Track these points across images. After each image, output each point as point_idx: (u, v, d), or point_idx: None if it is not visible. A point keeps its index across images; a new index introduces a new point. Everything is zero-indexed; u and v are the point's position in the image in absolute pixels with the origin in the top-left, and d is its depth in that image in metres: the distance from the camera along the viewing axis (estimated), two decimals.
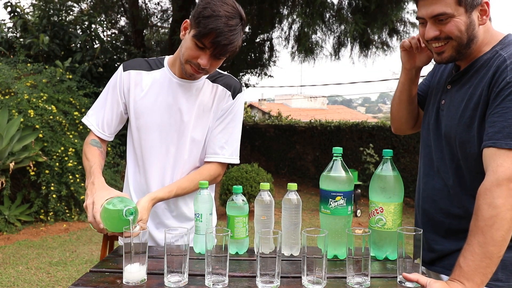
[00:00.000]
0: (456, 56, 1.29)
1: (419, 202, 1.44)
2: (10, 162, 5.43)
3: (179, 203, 1.60)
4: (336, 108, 37.77)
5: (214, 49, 1.38)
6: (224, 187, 6.64)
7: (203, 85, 1.57)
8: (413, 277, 1.10)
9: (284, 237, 1.33)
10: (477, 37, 1.26)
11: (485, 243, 1.08)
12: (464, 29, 1.23)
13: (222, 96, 1.58)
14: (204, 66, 1.42)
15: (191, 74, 1.47)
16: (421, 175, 1.45)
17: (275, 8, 8.35)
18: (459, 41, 1.25)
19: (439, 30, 1.25)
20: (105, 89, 1.61)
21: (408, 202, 7.67)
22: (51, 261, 4.48)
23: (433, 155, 1.38)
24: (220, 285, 1.10)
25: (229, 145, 1.60)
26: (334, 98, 67.29)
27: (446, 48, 1.27)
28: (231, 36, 1.36)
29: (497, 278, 1.20)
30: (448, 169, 1.32)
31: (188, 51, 1.42)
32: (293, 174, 10.95)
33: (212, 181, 1.59)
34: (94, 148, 1.56)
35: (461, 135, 1.26)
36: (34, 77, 6.52)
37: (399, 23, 8.79)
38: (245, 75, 10.80)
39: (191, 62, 1.43)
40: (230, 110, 1.59)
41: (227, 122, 1.60)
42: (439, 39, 1.26)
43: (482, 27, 1.27)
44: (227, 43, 1.36)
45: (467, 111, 1.26)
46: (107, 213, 1.24)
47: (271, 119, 14.89)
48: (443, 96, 1.38)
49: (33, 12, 8.77)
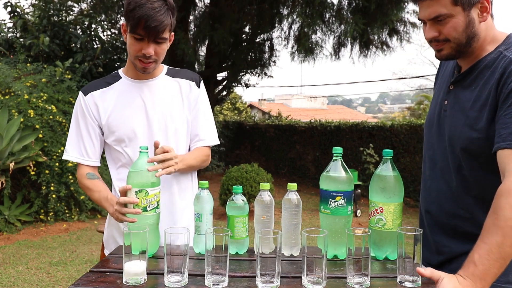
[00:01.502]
0: (456, 55, 1.29)
1: (424, 204, 1.44)
2: (10, 162, 5.43)
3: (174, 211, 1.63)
4: (336, 108, 37.76)
5: (149, 34, 1.45)
6: (224, 187, 6.64)
7: (165, 82, 1.66)
8: (427, 272, 1.08)
9: (284, 237, 1.33)
10: (478, 35, 1.26)
11: (503, 244, 1.05)
12: (463, 29, 1.24)
13: (187, 88, 1.67)
14: (150, 54, 1.49)
15: (143, 68, 1.53)
16: (426, 177, 1.44)
17: (275, 8, 8.34)
18: (457, 42, 1.25)
19: (438, 31, 1.26)
20: (73, 121, 1.64)
21: (408, 202, 7.67)
22: (51, 261, 4.48)
23: (436, 156, 1.38)
24: (220, 285, 1.10)
25: (209, 128, 1.70)
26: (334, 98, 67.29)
27: (445, 47, 1.29)
28: (159, 16, 1.43)
29: (508, 281, 1.20)
30: (451, 171, 1.32)
31: (132, 47, 1.50)
32: (293, 174, 10.95)
33: (204, 163, 1.69)
34: (94, 181, 1.59)
35: (465, 136, 1.26)
36: (34, 77, 6.52)
37: (399, 23, 8.78)
38: (245, 75, 10.78)
39: (138, 56, 1.51)
40: (200, 99, 1.69)
41: (201, 109, 1.69)
42: (438, 41, 1.28)
43: (483, 24, 1.27)
44: (157, 24, 1.43)
45: (472, 112, 1.25)
46: (130, 178, 1.33)
47: (271, 119, 14.89)
48: (446, 97, 1.38)
49: (33, 12, 8.77)
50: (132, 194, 1.30)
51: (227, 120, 13.58)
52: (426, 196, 1.43)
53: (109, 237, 1.70)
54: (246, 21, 8.85)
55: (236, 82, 11.06)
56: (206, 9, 9.07)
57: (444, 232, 1.35)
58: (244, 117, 18.57)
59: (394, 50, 9.09)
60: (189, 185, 1.70)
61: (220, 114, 18.22)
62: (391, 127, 8.54)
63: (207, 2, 9.26)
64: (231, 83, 10.97)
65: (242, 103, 24.21)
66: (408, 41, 9.00)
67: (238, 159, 12.25)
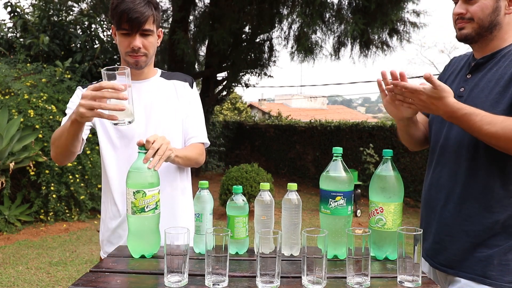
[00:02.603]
0: (475, 37, 1.35)
1: (432, 191, 1.45)
2: (10, 162, 5.43)
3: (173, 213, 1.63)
4: (336, 108, 37.75)
5: (133, 26, 1.50)
6: (224, 187, 6.64)
7: (160, 83, 1.70)
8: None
9: (284, 237, 1.33)
10: (500, 24, 1.32)
11: (489, 124, 1.20)
12: (489, 12, 1.30)
13: (181, 88, 1.72)
14: (137, 47, 1.53)
15: (134, 62, 1.57)
16: (435, 166, 1.46)
17: (275, 8, 8.35)
18: (481, 23, 1.32)
19: (465, 9, 1.33)
20: (67, 112, 1.62)
21: (408, 202, 7.67)
22: (51, 261, 4.48)
23: (449, 142, 1.40)
24: (220, 285, 1.10)
25: (201, 127, 1.73)
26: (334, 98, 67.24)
27: (467, 26, 1.35)
28: (139, 8, 1.49)
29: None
30: (467, 153, 1.34)
31: (121, 44, 1.56)
32: (293, 174, 10.95)
33: (199, 157, 1.67)
34: None
35: (490, 110, 1.27)
36: (34, 77, 6.52)
37: (399, 23, 8.79)
38: (245, 75, 10.80)
39: (128, 52, 1.55)
40: (193, 99, 1.73)
41: (194, 108, 1.73)
42: (463, 18, 1.34)
43: (508, 16, 1.33)
44: (138, 15, 1.49)
45: (496, 88, 1.29)
46: (128, 178, 1.31)
47: (271, 119, 14.89)
48: (462, 84, 1.41)
49: (33, 12, 8.76)
50: (130, 195, 1.30)
51: (227, 120, 13.57)
52: (433, 182, 1.45)
53: (103, 240, 1.70)
54: (246, 21, 8.85)
55: (236, 82, 11.07)
56: (206, 9, 9.08)
57: (455, 216, 1.36)
58: (244, 117, 18.58)
59: (394, 50, 9.11)
60: (188, 184, 1.71)
61: (220, 114, 18.23)
62: (391, 127, 8.54)
63: (207, 2, 9.27)
64: (231, 83, 10.98)
65: (242, 103, 24.22)
66: (408, 41, 9.01)
67: (238, 159, 12.25)
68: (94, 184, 6.33)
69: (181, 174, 1.69)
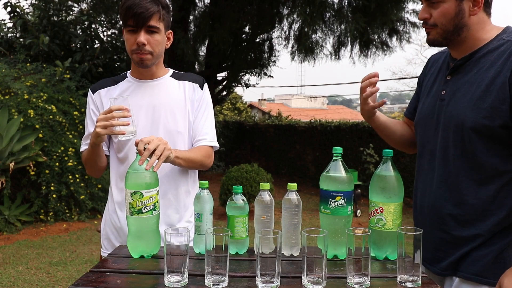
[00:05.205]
0: (443, 41, 1.35)
1: (425, 199, 1.43)
2: (10, 162, 5.43)
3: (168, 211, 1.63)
4: (336, 108, 37.75)
5: (138, 22, 1.50)
6: (224, 187, 6.64)
7: (170, 83, 1.68)
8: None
9: (284, 237, 1.33)
10: (467, 26, 1.31)
11: None
12: (451, 16, 1.29)
13: (191, 89, 1.69)
14: (142, 42, 1.52)
15: (140, 59, 1.56)
16: (424, 172, 1.44)
17: (275, 8, 8.34)
18: (445, 28, 1.31)
19: (429, 14, 1.33)
20: (87, 116, 1.71)
21: (408, 202, 7.64)
22: (51, 261, 4.49)
23: (436, 147, 1.38)
24: (220, 285, 1.10)
25: (210, 130, 1.71)
26: (334, 98, 67.14)
27: (431, 32, 1.35)
28: (145, 4, 1.50)
29: None
30: (454, 157, 1.32)
31: (128, 41, 1.56)
32: (293, 174, 10.95)
33: (205, 160, 1.66)
34: None
35: (472, 115, 1.27)
36: (34, 77, 6.52)
37: (399, 23, 8.78)
38: (245, 75, 10.79)
39: (134, 50, 1.55)
40: (203, 100, 1.70)
41: (203, 110, 1.70)
42: (427, 23, 1.35)
43: (475, 17, 1.30)
44: (143, 10, 1.49)
45: (477, 93, 1.28)
46: (126, 179, 1.34)
47: (271, 119, 14.89)
48: (443, 87, 1.40)
49: (33, 12, 8.77)
50: (128, 195, 1.29)
51: (227, 120, 13.57)
52: (426, 188, 1.42)
53: (104, 239, 1.70)
54: (246, 21, 8.85)
55: (236, 82, 11.06)
56: (206, 9, 9.07)
57: (447, 223, 1.34)
58: (244, 117, 18.57)
59: (394, 50, 9.09)
60: (193, 187, 1.71)
61: (220, 114, 18.22)
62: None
63: (207, 2, 9.26)
64: (231, 83, 10.97)
65: (242, 103, 24.23)
66: (408, 41, 9.01)
67: (238, 159, 12.25)
68: (94, 184, 6.33)
69: (186, 176, 1.67)
